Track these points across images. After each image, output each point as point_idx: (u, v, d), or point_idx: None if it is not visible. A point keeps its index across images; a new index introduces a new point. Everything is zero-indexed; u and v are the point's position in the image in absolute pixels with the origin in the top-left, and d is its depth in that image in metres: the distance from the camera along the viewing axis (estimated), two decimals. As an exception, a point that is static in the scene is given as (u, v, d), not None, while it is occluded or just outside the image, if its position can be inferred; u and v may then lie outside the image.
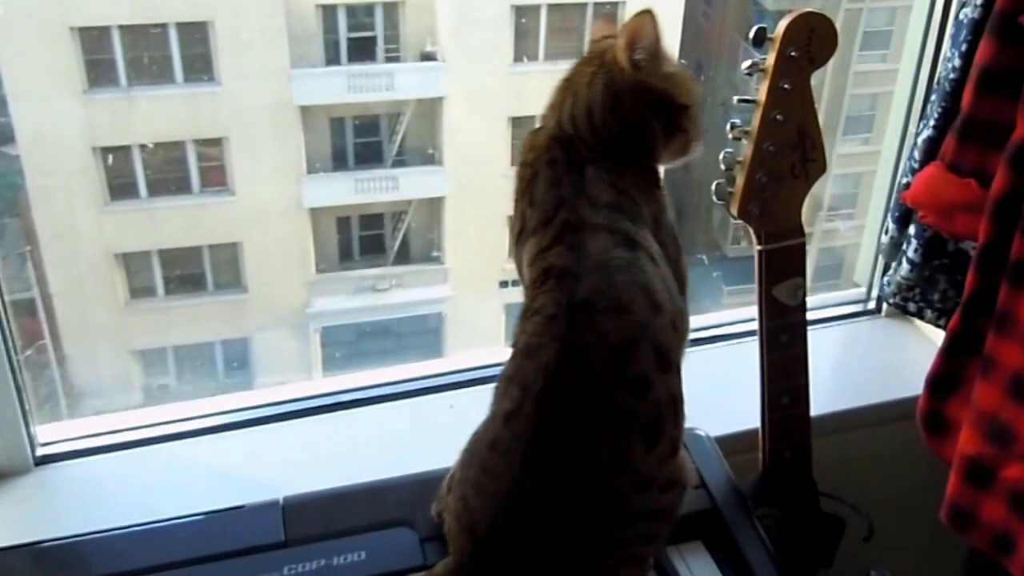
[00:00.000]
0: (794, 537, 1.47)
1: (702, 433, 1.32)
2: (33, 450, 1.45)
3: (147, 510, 1.22)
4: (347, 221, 3.23)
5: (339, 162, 3.07)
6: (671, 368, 1.01)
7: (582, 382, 0.98)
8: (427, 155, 2.95)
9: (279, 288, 3.22)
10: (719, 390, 1.55)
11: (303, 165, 3.01)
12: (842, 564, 1.53)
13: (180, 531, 1.18)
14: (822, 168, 1.30)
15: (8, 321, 1.38)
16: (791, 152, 1.27)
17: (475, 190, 3.29)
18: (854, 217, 2.02)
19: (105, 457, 1.49)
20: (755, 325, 1.36)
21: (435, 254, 3.75)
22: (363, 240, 3.29)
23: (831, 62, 1.28)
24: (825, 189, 2.22)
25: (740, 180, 1.29)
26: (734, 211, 1.30)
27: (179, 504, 1.23)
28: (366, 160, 3.08)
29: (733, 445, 1.41)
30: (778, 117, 1.25)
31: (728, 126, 1.29)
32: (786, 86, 1.22)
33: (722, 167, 1.29)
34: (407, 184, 3.12)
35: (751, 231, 1.32)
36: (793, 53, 1.20)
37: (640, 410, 0.98)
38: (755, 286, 1.33)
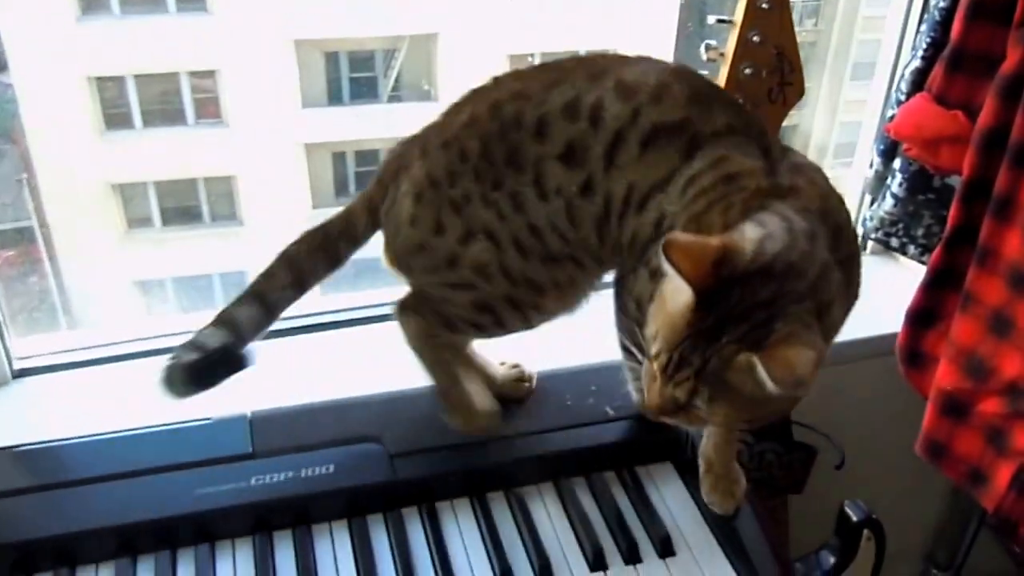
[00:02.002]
0: (765, 462, 1.48)
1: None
2: (10, 363, 1.47)
3: (120, 421, 1.23)
4: (342, 157, 3.21)
5: (334, 97, 3.03)
6: None
7: None
8: (423, 91, 2.91)
9: (275, 222, 3.21)
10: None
11: (298, 99, 2.98)
12: (817, 494, 1.54)
13: (150, 440, 1.19)
14: (800, 92, 1.28)
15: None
16: (769, 75, 1.25)
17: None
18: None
19: (80, 371, 1.50)
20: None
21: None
22: (359, 176, 3.26)
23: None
24: (831, 136, 2.20)
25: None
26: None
27: (149, 417, 1.23)
28: (361, 96, 3.04)
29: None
30: (755, 38, 1.23)
31: (703, 47, 1.27)
32: (764, 5, 1.20)
33: None
34: (403, 120, 3.09)
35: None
36: (772, -30, 1.18)
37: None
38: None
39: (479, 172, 1.05)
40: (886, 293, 1.75)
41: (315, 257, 1.16)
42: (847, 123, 2.13)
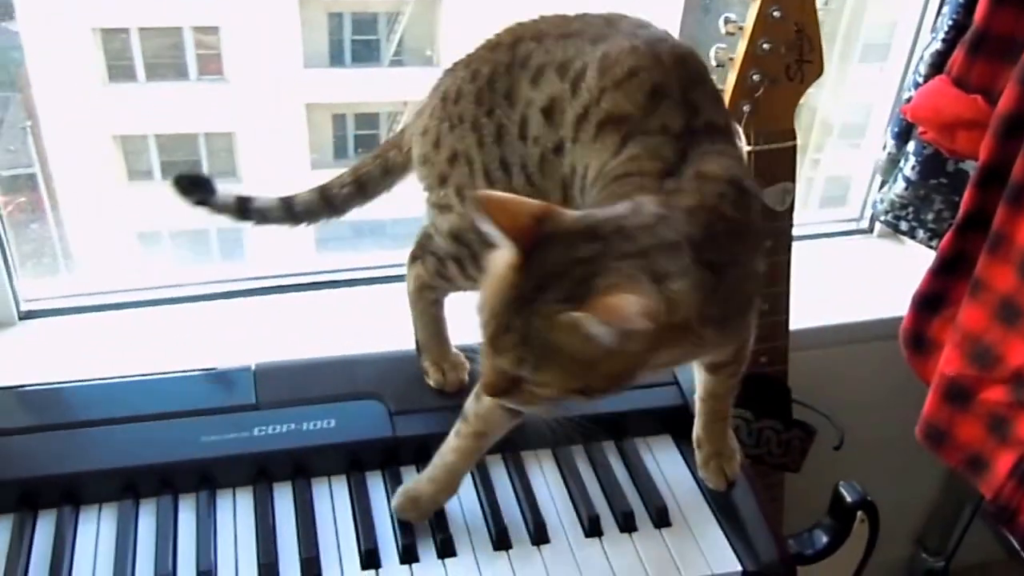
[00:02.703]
0: (763, 440, 1.48)
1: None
2: (17, 305, 1.47)
3: (125, 367, 1.22)
4: (343, 119, 3.18)
5: (336, 59, 3.01)
6: None
7: None
8: (425, 57, 2.88)
9: (273, 181, 3.19)
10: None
11: (300, 59, 2.95)
12: (812, 474, 1.54)
13: (156, 387, 1.19)
14: (819, 71, 1.27)
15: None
16: (787, 52, 1.24)
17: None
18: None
19: (87, 316, 1.50)
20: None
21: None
22: (358, 139, 3.23)
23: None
24: (838, 115, 2.19)
25: (731, 77, 1.27)
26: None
27: (153, 364, 1.23)
28: (363, 59, 3.01)
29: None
30: (775, 13, 1.22)
31: (722, 20, 1.26)
32: (787, -20, 1.19)
33: (712, 63, 1.26)
34: (404, 85, 3.06)
35: (739, 131, 1.28)
36: (794, -55, 1.17)
37: None
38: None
39: (480, 96, 1.07)
40: (891, 277, 1.76)
41: (374, 163, 1.26)
42: (855, 104, 2.12)
